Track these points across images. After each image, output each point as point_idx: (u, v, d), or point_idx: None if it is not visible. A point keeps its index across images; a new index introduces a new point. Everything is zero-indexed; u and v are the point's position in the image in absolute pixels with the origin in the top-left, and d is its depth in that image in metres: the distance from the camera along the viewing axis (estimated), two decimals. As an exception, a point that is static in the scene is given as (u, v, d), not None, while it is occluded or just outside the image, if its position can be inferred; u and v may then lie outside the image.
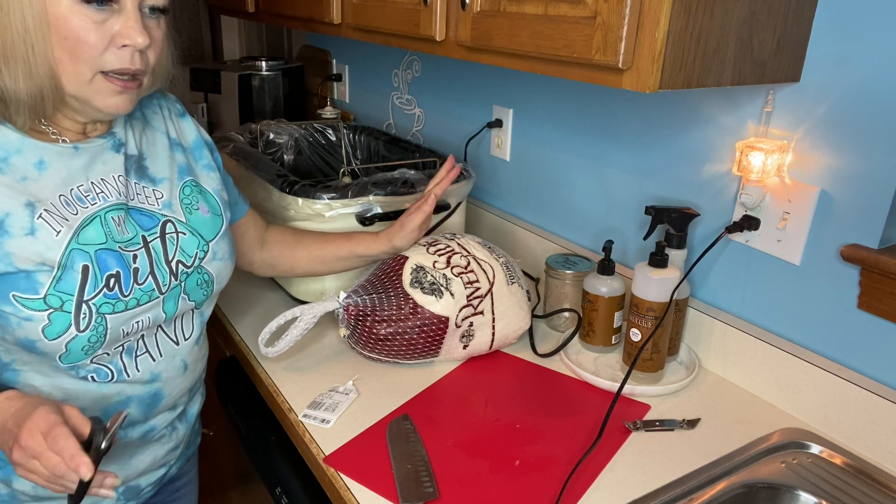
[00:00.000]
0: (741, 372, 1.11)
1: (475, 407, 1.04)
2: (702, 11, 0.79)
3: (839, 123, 0.94)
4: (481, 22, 0.99)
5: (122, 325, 0.85)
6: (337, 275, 1.28)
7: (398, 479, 0.88)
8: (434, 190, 1.16)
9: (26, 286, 0.79)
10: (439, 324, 1.09)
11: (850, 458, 0.94)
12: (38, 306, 0.79)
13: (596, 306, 1.15)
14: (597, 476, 0.90)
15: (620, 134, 1.28)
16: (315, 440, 0.96)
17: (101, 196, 0.85)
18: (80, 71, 0.78)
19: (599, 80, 0.84)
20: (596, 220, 1.37)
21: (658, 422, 1.01)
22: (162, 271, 0.89)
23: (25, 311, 0.78)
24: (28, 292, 0.79)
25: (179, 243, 0.92)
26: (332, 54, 2.31)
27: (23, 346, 0.81)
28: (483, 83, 1.60)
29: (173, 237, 0.92)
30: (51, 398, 0.78)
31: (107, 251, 0.84)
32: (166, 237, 0.91)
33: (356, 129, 1.78)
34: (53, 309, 0.80)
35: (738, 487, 0.91)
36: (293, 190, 1.22)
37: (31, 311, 0.79)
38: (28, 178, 0.80)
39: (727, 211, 1.10)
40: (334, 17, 1.40)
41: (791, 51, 0.93)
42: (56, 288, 0.80)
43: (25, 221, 0.79)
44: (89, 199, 0.84)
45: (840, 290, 0.98)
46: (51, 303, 0.80)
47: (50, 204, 0.81)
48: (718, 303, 1.16)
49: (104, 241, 0.84)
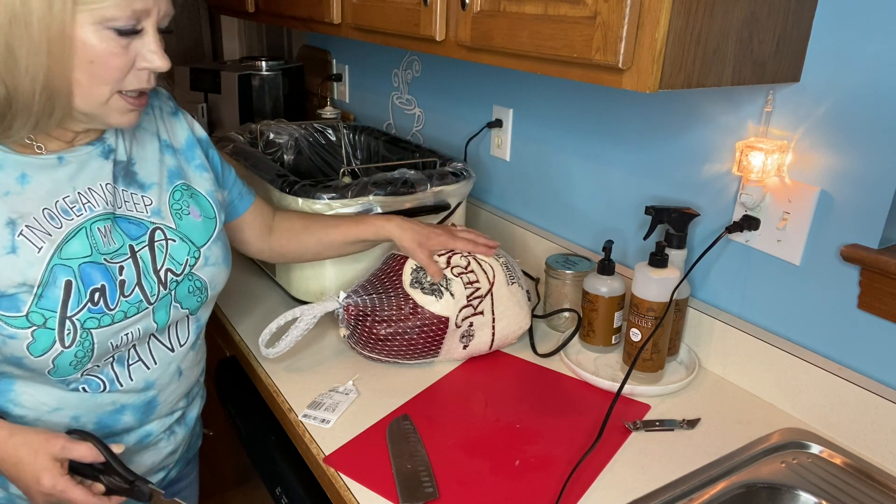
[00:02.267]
0: (741, 372, 1.11)
1: (475, 407, 1.04)
2: (702, 11, 0.79)
3: (839, 123, 0.94)
4: (481, 22, 0.99)
5: (109, 338, 0.84)
6: (337, 275, 1.28)
7: (398, 479, 0.88)
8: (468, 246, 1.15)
9: (8, 305, 0.78)
10: (439, 324, 1.09)
11: (850, 458, 0.94)
12: (21, 324, 0.78)
13: (596, 306, 1.15)
14: (597, 476, 0.90)
15: (620, 134, 1.28)
16: (315, 440, 0.96)
17: (87, 206, 0.83)
18: (99, 92, 0.77)
19: (599, 80, 0.84)
20: (596, 220, 1.37)
21: (658, 422, 1.01)
22: (150, 281, 0.87)
23: (9, 329, 0.78)
24: (10, 310, 0.78)
25: (169, 251, 0.90)
26: (332, 54, 2.31)
27: (10, 362, 0.81)
28: (483, 83, 1.60)
29: (162, 245, 0.90)
30: (47, 405, 0.81)
31: (91, 265, 0.83)
32: (155, 245, 0.89)
33: (356, 129, 1.78)
34: (36, 326, 0.79)
35: (738, 487, 0.91)
36: (293, 190, 1.22)
37: (14, 329, 0.78)
38: (10, 193, 0.79)
39: (727, 211, 1.10)
40: (334, 17, 1.40)
41: (791, 51, 0.93)
42: (38, 305, 0.79)
43: (6, 240, 0.78)
44: (75, 210, 0.83)
45: (840, 290, 0.98)
46: (33, 320, 0.78)
47: (33, 219, 0.80)
48: (718, 303, 1.16)
49: (89, 254, 0.83)
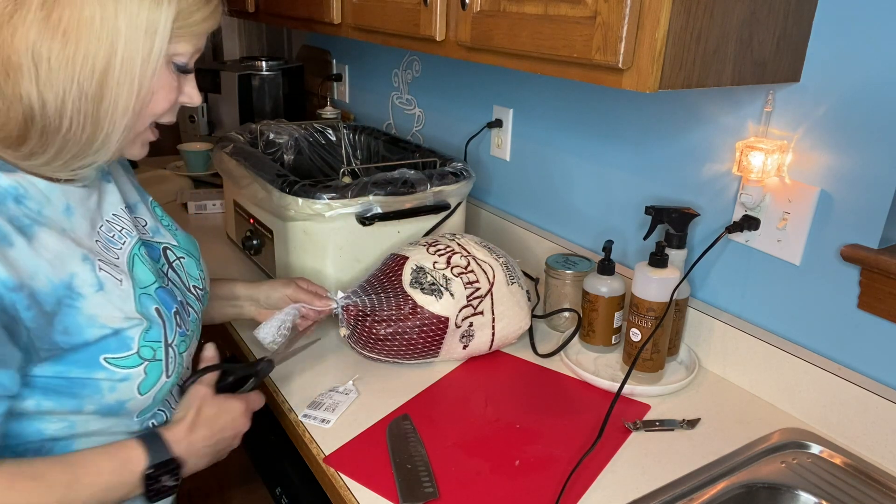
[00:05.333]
0: (741, 372, 1.11)
1: (475, 407, 1.04)
2: (702, 11, 0.79)
3: (839, 123, 0.94)
4: (481, 22, 0.99)
5: (188, 361, 0.84)
6: (337, 274, 1.28)
7: (398, 479, 0.88)
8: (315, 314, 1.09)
9: (117, 345, 0.74)
10: (439, 324, 1.09)
11: (850, 458, 0.94)
12: (133, 362, 0.75)
13: (596, 306, 1.15)
14: (597, 476, 0.90)
15: (620, 134, 1.28)
16: (315, 440, 0.96)
17: (123, 233, 0.81)
18: (141, 124, 0.75)
19: (599, 80, 0.84)
20: (596, 220, 1.37)
21: (658, 422, 1.01)
22: (191, 299, 0.86)
23: (121, 372, 0.74)
24: (120, 351, 0.74)
25: (185, 268, 0.89)
26: (332, 54, 2.31)
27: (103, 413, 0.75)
28: (483, 83, 1.60)
29: (178, 263, 0.88)
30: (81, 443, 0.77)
31: (161, 289, 0.80)
32: (173, 264, 0.87)
33: (356, 129, 1.78)
34: (147, 361, 0.76)
35: (738, 487, 0.91)
36: (293, 190, 1.22)
37: (127, 370, 0.74)
38: (66, 229, 0.73)
39: (727, 211, 1.10)
40: (334, 17, 1.40)
41: (791, 51, 0.93)
42: (146, 339, 0.76)
43: (91, 277, 0.73)
44: (116, 238, 0.79)
45: (840, 290, 0.98)
46: (144, 355, 0.76)
47: (98, 252, 0.75)
48: (718, 303, 1.16)
49: (154, 280, 0.80)
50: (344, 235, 1.26)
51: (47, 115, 0.67)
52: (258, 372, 0.95)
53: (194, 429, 0.81)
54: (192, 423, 0.82)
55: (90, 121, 0.69)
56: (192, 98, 0.79)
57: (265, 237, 1.38)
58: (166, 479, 0.77)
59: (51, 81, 0.66)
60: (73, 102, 0.68)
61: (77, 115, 0.68)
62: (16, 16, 0.65)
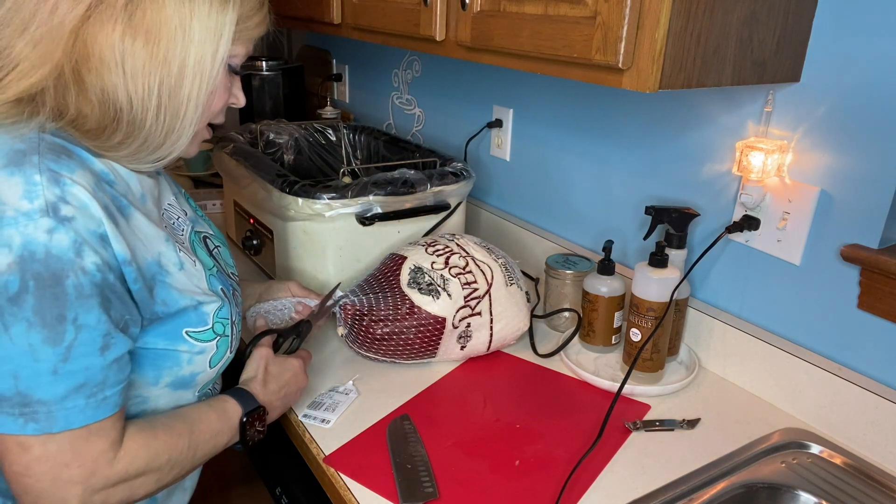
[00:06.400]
0: (741, 372, 1.11)
1: (475, 407, 1.04)
2: (702, 11, 0.79)
3: (839, 123, 0.94)
4: (481, 22, 0.99)
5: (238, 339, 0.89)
6: (337, 274, 1.28)
7: (398, 479, 0.88)
8: None
9: (196, 319, 0.80)
10: (436, 324, 1.09)
11: (850, 458, 0.94)
12: (209, 336, 0.82)
13: (596, 306, 1.15)
14: (597, 476, 0.90)
15: (620, 134, 1.28)
16: (315, 440, 0.96)
17: (180, 221, 0.87)
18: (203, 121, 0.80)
19: (599, 80, 0.84)
20: (596, 220, 1.37)
21: (658, 422, 1.01)
22: (233, 284, 0.92)
23: (199, 345, 0.81)
24: (199, 325, 0.81)
25: (223, 256, 0.95)
26: (332, 54, 2.31)
27: (176, 385, 0.82)
28: (483, 83, 1.60)
29: (217, 251, 0.94)
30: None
31: (220, 272, 0.87)
32: (213, 252, 0.92)
33: (356, 129, 1.78)
34: (219, 336, 0.83)
35: (738, 487, 0.91)
36: (293, 190, 1.22)
37: (204, 344, 0.81)
38: (147, 215, 0.78)
39: (727, 211, 1.10)
40: (334, 17, 1.40)
41: (791, 51, 0.93)
42: (218, 315, 0.83)
43: (174, 256, 0.79)
44: (175, 225, 0.85)
45: (840, 290, 0.98)
46: (217, 330, 0.83)
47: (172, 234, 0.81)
48: (718, 303, 1.16)
49: (213, 264, 0.87)
50: (344, 235, 1.26)
51: (133, 109, 0.72)
52: (300, 333, 1.04)
53: (266, 384, 0.91)
54: (264, 379, 0.91)
55: (170, 114, 0.75)
56: (238, 99, 0.84)
57: (265, 237, 1.38)
58: (258, 425, 0.87)
59: (135, 77, 0.71)
60: (156, 97, 0.73)
61: (159, 108, 0.74)
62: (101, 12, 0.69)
